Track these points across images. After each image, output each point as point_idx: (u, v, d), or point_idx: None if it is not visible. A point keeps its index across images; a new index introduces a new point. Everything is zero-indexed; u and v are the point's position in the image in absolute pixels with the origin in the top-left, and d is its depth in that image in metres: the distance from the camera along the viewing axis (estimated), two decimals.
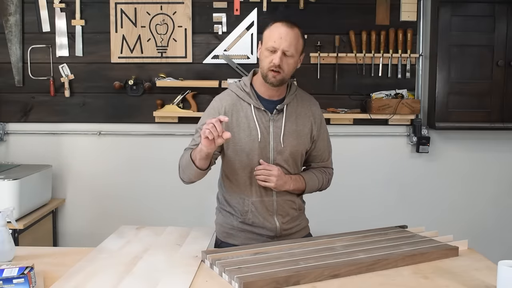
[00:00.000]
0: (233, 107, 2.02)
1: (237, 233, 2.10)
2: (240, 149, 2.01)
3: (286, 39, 1.91)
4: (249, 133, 2.00)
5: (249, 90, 2.02)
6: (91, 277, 1.68)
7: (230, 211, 2.10)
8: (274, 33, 1.92)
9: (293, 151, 2.04)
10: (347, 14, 3.31)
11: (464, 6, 3.22)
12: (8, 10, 3.28)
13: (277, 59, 1.90)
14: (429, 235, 2.05)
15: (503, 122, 3.27)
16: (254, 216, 2.05)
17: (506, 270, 1.48)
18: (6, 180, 2.76)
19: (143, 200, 3.39)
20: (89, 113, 3.36)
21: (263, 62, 1.96)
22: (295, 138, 2.04)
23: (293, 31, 1.94)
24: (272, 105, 2.03)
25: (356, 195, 3.42)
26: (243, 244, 2.05)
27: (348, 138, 3.37)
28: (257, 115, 2.00)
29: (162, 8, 3.29)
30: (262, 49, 1.97)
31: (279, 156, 2.02)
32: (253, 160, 2.00)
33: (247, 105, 2.02)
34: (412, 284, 1.63)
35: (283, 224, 2.08)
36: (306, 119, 2.07)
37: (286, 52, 1.92)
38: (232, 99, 2.04)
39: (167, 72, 3.31)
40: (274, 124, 2.01)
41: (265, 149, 2.01)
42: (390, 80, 3.34)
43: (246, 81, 2.05)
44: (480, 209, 3.46)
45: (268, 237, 2.07)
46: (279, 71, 1.92)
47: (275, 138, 2.01)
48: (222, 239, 2.15)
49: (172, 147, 3.35)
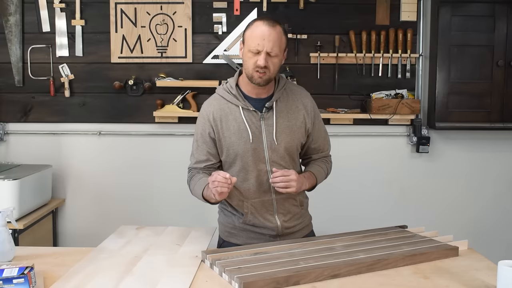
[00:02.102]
0: (221, 112, 2.00)
1: (239, 232, 2.10)
2: (233, 153, 2.00)
3: (269, 40, 1.87)
4: (240, 135, 1.98)
5: (236, 92, 2.00)
6: (91, 277, 1.68)
7: (232, 211, 2.11)
8: (257, 34, 1.88)
9: (287, 147, 2.02)
10: (347, 14, 3.31)
11: (464, 6, 3.23)
12: (8, 10, 3.28)
13: (262, 61, 1.87)
14: (429, 235, 2.05)
15: (503, 122, 3.27)
16: (254, 217, 2.05)
17: (506, 270, 1.47)
18: (6, 180, 2.76)
19: (143, 200, 3.39)
20: (89, 113, 3.36)
21: (247, 63, 1.92)
22: (288, 133, 2.01)
23: (275, 30, 1.88)
24: (261, 103, 2.00)
25: (356, 195, 3.42)
26: (245, 243, 2.05)
27: (348, 138, 3.37)
28: (247, 116, 1.98)
29: (162, 8, 3.29)
30: (244, 50, 1.93)
31: (274, 154, 2.00)
32: (247, 162, 2.00)
33: (235, 107, 1.99)
34: (412, 284, 1.63)
35: (285, 222, 2.07)
36: (297, 113, 2.04)
37: (270, 52, 1.88)
38: (219, 103, 2.02)
39: (167, 72, 3.31)
40: (265, 123, 1.99)
41: (258, 149, 1.99)
42: (390, 80, 3.34)
43: (232, 82, 2.03)
44: (480, 209, 3.46)
45: (270, 236, 2.07)
46: (265, 71, 1.90)
47: (267, 137, 1.99)
48: (224, 238, 2.16)
49: (172, 147, 3.36)
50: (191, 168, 2.11)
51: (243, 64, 1.97)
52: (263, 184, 2.03)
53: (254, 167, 2.00)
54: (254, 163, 2.00)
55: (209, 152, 2.04)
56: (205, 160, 2.05)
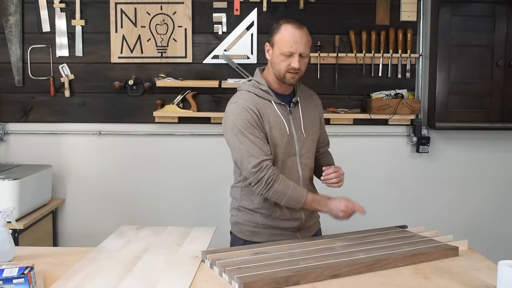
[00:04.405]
0: (258, 106, 2.01)
1: (261, 230, 2.10)
2: (273, 145, 2.02)
3: (301, 43, 1.95)
4: (279, 128, 2.03)
5: (267, 88, 2.04)
6: (91, 277, 1.68)
7: (254, 209, 2.09)
8: (288, 37, 1.95)
9: (313, 139, 2.13)
10: (347, 14, 3.31)
11: (464, 6, 3.23)
12: (8, 10, 3.28)
13: (296, 63, 1.95)
14: (429, 235, 2.05)
15: (503, 122, 3.27)
16: (281, 208, 2.06)
17: (506, 270, 1.48)
18: (6, 180, 2.76)
19: (143, 200, 3.39)
20: (89, 113, 3.36)
21: (279, 65, 1.98)
22: (312, 126, 2.13)
23: (304, 32, 1.97)
24: (287, 99, 2.08)
25: (356, 195, 3.35)
26: (268, 241, 2.05)
27: (348, 138, 3.37)
28: (279, 110, 2.05)
29: (162, 8, 3.29)
30: (275, 53, 1.98)
31: (304, 146, 2.08)
32: (279, 154, 2.03)
33: (268, 102, 2.04)
34: (412, 284, 1.63)
35: (307, 216, 2.12)
36: (314, 108, 2.17)
37: (302, 54, 1.96)
38: (253, 98, 2.02)
39: (167, 72, 3.31)
40: (293, 117, 2.07)
41: (291, 141, 2.05)
42: (390, 80, 3.34)
43: (260, 80, 2.06)
44: (480, 209, 3.46)
45: (293, 230, 2.10)
46: (297, 72, 1.98)
47: (297, 130, 2.07)
48: (246, 238, 2.12)
49: (172, 147, 3.36)
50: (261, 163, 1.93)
51: (272, 66, 2.02)
52: (294, 176, 2.05)
53: (286, 159, 2.05)
54: (287, 156, 2.05)
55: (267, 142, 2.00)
56: (269, 150, 1.99)
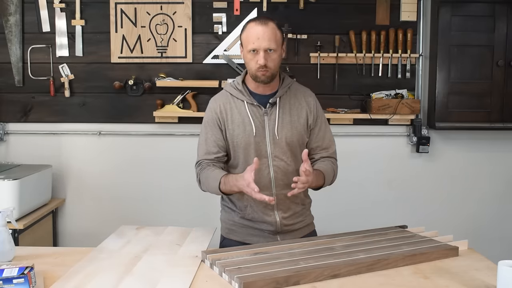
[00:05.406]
0: (227, 106, 2.08)
1: (238, 229, 2.13)
2: (237, 145, 2.05)
3: (264, 38, 1.95)
4: (244, 128, 2.04)
5: (242, 88, 2.07)
6: (91, 277, 1.68)
7: (231, 207, 2.14)
8: (251, 34, 1.97)
9: (288, 142, 2.06)
10: (347, 14, 3.31)
11: (464, 6, 3.23)
12: (8, 10, 3.27)
13: (261, 60, 1.95)
14: (429, 235, 2.05)
15: (503, 122, 3.27)
16: (253, 211, 2.07)
17: (506, 270, 1.47)
18: (6, 180, 2.76)
19: (143, 200, 3.39)
20: (89, 113, 3.36)
21: (249, 64, 2.01)
22: (290, 129, 2.06)
23: (268, 27, 1.96)
24: (265, 99, 2.07)
25: (356, 195, 3.42)
26: (244, 239, 2.09)
27: (348, 138, 3.36)
28: (251, 110, 2.05)
29: (162, 8, 3.29)
30: (244, 52, 2.03)
31: (277, 148, 2.05)
32: (249, 155, 2.03)
33: (241, 102, 2.06)
34: (412, 284, 1.63)
35: (284, 219, 2.09)
36: (300, 110, 2.09)
37: (267, 49, 1.96)
38: (226, 97, 2.10)
39: (167, 72, 3.31)
40: (269, 118, 2.05)
41: (261, 143, 2.04)
42: (390, 80, 3.34)
43: (239, 79, 2.11)
44: (480, 209, 3.46)
45: (270, 232, 2.09)
46: (267, 69, 1.97)
47: (270, 131, 2.04)
48: (224, 235, 2.19)
49: (172, 147, 3.36)
50: (200, 161, 2.11)
51: (246, 66, 2.04)
52: (264, 179, 2.04)
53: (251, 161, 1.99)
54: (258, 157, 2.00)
55: (218, 143, 2.08)
56: (215, 152, 2.08)
